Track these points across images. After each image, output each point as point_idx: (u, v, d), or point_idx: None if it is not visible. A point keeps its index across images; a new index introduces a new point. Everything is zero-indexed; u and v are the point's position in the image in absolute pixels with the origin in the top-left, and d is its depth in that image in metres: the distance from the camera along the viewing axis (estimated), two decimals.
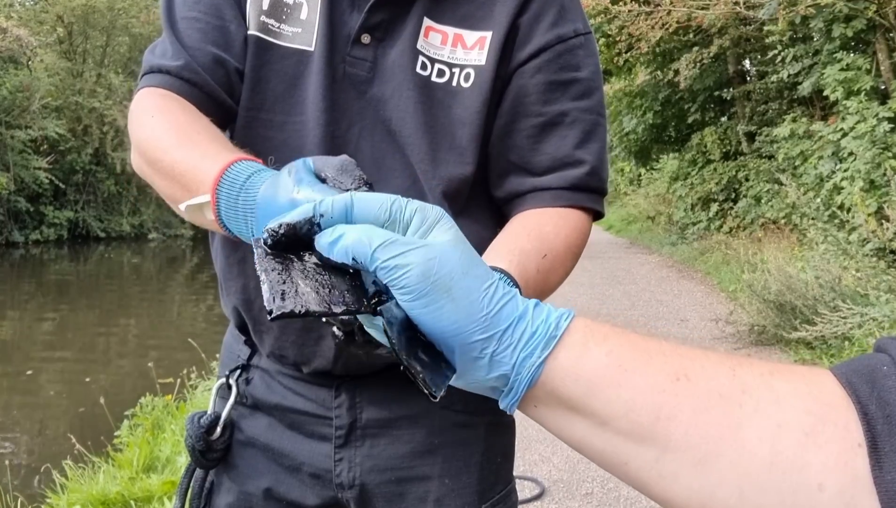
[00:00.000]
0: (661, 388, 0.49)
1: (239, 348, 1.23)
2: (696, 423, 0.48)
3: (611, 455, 0.51)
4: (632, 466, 0.50)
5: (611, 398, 0.50)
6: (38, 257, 21.09)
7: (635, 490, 0.52)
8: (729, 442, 0.47)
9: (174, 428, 4.80)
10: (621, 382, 0.50)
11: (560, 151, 1.08)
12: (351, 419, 1.14)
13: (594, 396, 0.51)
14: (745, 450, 0.46)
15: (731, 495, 0.46)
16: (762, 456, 0.46)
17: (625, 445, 0.50)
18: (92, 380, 8.14)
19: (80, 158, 24.66)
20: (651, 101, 16.95)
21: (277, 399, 1.17)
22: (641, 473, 0.50)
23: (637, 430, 0.49)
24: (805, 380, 0.48)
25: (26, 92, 22.59)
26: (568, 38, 1.09)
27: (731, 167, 14.37)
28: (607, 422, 0.50)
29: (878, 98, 9.65)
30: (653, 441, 0.49)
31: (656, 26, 12.42)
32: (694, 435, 0.48)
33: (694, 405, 0.49)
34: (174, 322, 12.38)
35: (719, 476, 0.47)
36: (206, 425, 1.15)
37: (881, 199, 8.27)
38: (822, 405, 0.46)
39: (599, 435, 0.51)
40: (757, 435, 0.47)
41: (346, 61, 1.07)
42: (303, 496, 1.16)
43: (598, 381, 0.51)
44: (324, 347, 1.10)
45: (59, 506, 3.86)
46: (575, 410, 0.51)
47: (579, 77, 1.10)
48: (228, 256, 1.14)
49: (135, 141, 0.99)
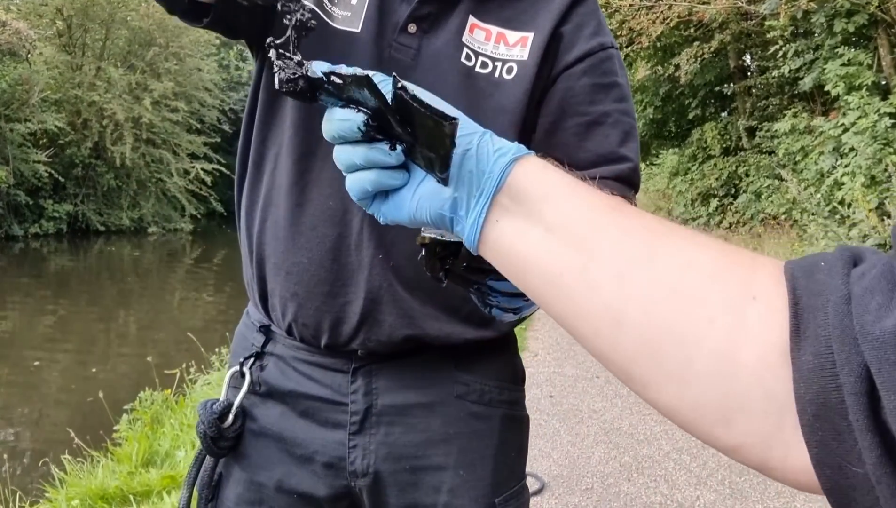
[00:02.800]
0: (599, 210, 0.57)
1: (253, 336, 1.25)
2: (621, 241, 0.55)
3: (550, 266, 0.57)
4: (564, 277, 0.56)
5: (560, 207, 0.58)
6: (38, 250, 21.06)
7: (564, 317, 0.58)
8: (644, 262, 0.54)
9: (173, 423, 4.80)
10: (570, 196, 0.58)
11: (604, 148, 1.15)
12: (367, 405, 1.15)
13: (548, 202, 0.58)
14: (656, 272, 0.53)
15: (638, 314, 0.52)
16: (668, 282, 0.52)
17: (562, 253, 0.56)
18: (91, 374, 8.14)
19: (80, 152, 24.60)
20: (651, 96, 16.95)
21: (292, 386, 1.19)
22: (571, 285, 0.56)
23: (573, 239, 0.56)
24: (740, 252, 0.54)
25: (25, 85, 22.52)
26: (607, 46, 1.18)
27: (732, 163, 14.36)
28: (553, 228, 0.57)
29: (879, 93, 9.64)
30: (584, 250, 0.56)
31: (657, 21, 12.41)
32: (617, 251, 0.55)
33: (621, 228, 0.56)
34: (173, 316, 12.37)
35: (631, 291, 0.53)
36: (219, 411, 1.16)
37: (882, 194, 8.26)
38: (734, 263, 0.53)
39: (545, 243, 0.57)
40: (668, 263, 0.53)
41: (391, 46, 1.12)
42: (314, 487, 1.17)
43: (552, 191, 0.59)
44: (349, 313, 1.13)
45: (57, 500, 3.85)
46: (529, 216, 0.58)
47: (618, 82, 1.18)
48: (264, 219, 1.18)
49: None
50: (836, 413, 0.44)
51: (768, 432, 0.48)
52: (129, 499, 3.74)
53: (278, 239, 1.15)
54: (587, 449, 4.36)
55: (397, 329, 1.12)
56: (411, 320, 1.12)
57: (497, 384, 1.21)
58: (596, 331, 0.55)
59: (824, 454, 0.45)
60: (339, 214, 1.11)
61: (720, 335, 0.49)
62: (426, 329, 1.13)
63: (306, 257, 1.13)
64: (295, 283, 1.14)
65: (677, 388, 0.51)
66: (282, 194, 1.15)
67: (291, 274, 1.14)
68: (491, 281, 0.75)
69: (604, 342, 0.55)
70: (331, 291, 1.13)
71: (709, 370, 0.50)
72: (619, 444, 4.43)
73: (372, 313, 1.12)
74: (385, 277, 1.11)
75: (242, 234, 1.24)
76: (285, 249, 1.14)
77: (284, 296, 1.16)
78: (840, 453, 0.44)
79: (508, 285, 0.76)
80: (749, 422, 0.49)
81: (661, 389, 0.52)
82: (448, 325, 1.14)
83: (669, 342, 0.51)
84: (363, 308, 1.12)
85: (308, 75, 0.62)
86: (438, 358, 1.16)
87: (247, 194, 1.22)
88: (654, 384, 0.53)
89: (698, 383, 0.50)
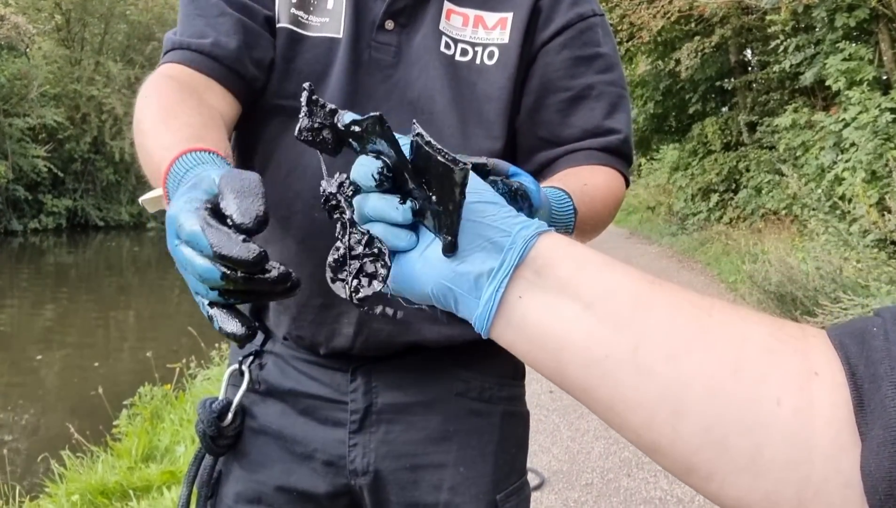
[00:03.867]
0: (641, 284, 0.52)
1: None
2: (671, 319, 0.50)
3: (593, 347, 0.51)
4: (611, 360, 0.50)
5: (599, 282, 0.52)
6: (37, 245, 21.08)
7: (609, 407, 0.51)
8: (699, 342, 0.48)
9: (173, 418, 4.80)
10: (606, 270, 0.53)
11: (589, 123, 1.13)
12: (366, 404, 1.14)
13: (583, 277, 0.52)
14: (713, 352, 0.48)
15: (700, 397, 0.47)
16: (727, 361, 0.47)
17: (606, 333, 0.50)
18: (90, 369, 8.14)
19: (79, 147, 24.60)
20: (652, 91, 16.93)
21: (292, 384, 1.17)
22: (619, 368, 0.50)
23: (618, 317, 0.50)
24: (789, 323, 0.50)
25: (24, 80, 22.52)
26: (588, 16, 1.14)
27: (732, 158, 14.34)
28: (592, 304, 0.51)
29: (880, 88, 9.62)
30: (631, 331, 0.50)
31: (658, 15, 12.39)
32: (668, 330, 0.49)
33: (668, 303, 0.50)
34: (173, 311, 12.37)
35: (689, 374, 0.48)
36: (218, 410, 1.15)
37: (883, 190, 8.25)
38: (789, 335, 0.48)
39: (583, 321, 0.51)
40: (724, 340, 0.48)
41: (371, 46, 1.09)
42: (314, 485, 1.16)
43: (586, 262, 0.53)
44: (344, 324, 1.11)
45: (57, 496, 3.86)
46: (562, 291, 0.52)
47: (601, 52, 1.15)
48: None
49: (136, 120, 1.00)
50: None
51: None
52: (129, 494, 3.74)
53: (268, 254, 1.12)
54: (587, 444, 4.36)
55: (395, 337, 1.11)
56: (409, 326, 1.10)
57: (497, 380, 1.20)
58: (649, 422, 0.49)
59: None
60: (326, 225, 1.08)
61: (789, 417, 0.45)
62: (424, 334, 1.11)
63: (297, 271, 1.09)
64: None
65: (749, 480, 0.46)
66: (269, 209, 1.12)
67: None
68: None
69: (659, 433, 0.49)
70: (324, 303, 1.10)
71: (782, 457, 0.45)
72: (619, 439, 4.43)
73: (367, 322, 1.10)
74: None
75: None
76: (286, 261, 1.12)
77: (278, 309, 1.15)
78: None
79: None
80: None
81: (729, 481, 0.47)
82: (447, 328, 1.12)
83: (736, 428, 0.46)
84: (358, 318, 1.10)
85: (336, 125, 0.61)
86: (438, 356, 1.15)
87: None
88: (719, 477, 0.47)
89: (771, 472, 0.45)
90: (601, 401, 0.51)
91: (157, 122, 0.91)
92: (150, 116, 0.93)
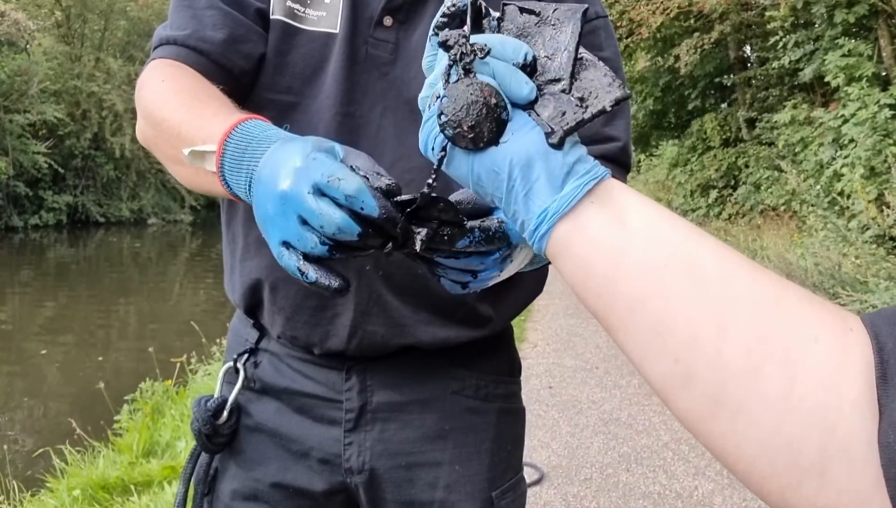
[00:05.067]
0: (692, 225, 0.54)
1: (247, 331, 1.22)
2: (723, 252, 0.51)
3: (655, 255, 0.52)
4: (669, 270, 0.51)
5: (659, 212, 0.54)
6: (38, 241, 21.07)
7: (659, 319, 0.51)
8: (748, 270, 0.50)
9: (174, 413, 4.81)
10: (665, 211, 0.55)
11: (589, 129, 1.10)
12: (361, 403, 1.14)
13: (647, 206, 0.54)
14: (760, 282, 0.49)
15: (746, 315, 0.47)
16: (773, 292, 0.48)
17: (667, 246, 0.52)
18: (91, 365, 8.15)
19: (79, 143, 24.58)
20: (651, 87, 16.91)
21: (287, 383, 1.17)
22: (677, 277, 0.51)
23: (678, 239, 0.52)
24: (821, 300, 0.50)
25: (25, 76, 22.48)
26: (591, 19, 1.11)
27: (731, 154, 14.34)
28: (654, 225, 0.53)
29: (879, 85, 9.62)
30: (689, 250, 0.51)
31: (657, 11, 12.38)
32: (721, 256, 0.51)
33: (720, 244, 0.52)
34: (173, 307, 12.38)
35: (739, 292, 0.49)
36: (213, 408, 1.14)
37: (882, 186, 8.26)
38: (825, 300, 0.49)
39: (648, 232, 0.53)
40: (769, 279, 0.49)
41: (368, 43, 1.07)
42: (310, 482, 1.16)
43: (649, 203, 0.55)
44: (338, 325, 1.10)
45: (59, 491, 3.87)
46: (629, 210, 0.54)
47: (604, 56, 1.11)
48: (247, 234, 1.14)
49: (142, 106, 0.99)
50: None
51: (866, 489, 0.42)
52: (131, 489, 3.75)
53: (262, 255, 1.11)
54: (586, 440, 4.37)
55: (389, 339, 1.10)
56: (403, 328, 1.09)
57: (493, 377, 1.20)
58: (694, 338, 0.48)
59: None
60: None
61: (826, 356, 0.45)
62: (419, 337, 1.10)
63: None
64: (281, 298, 1.11)
65: (775, 418, 0.45)
66: None
67: (277, 289, 1.11)
68: (439, 258, 0.75)
69: (699, 353, 0.48)
70: (319, 304, 1.09)
71: (813, 398, 0.44)
72: (618, 434, 4.45)
73: (362, 324, 1.09)
74: (374, 287, 1.07)
75: (225, 251, 1.21)
76: (269, 264, 1.10)
77: (272, 310, 1.14)
78: None
79: (459, 262, 0.75)
80: (849, 473, 0.42)
81: (757, 418, 0.45)
82: (442, 330, 1.11)
83: (775, 356, 0.46)
84: (353, 320, 1.09)
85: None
86: (433, 355, 1.14)
87: (226, 210, 1.19)
88: (748, 412, 0.46)
89: (800, 412, 0.44)
90: (649, 316, 0.51)
91: (188, 99, 0.91)
92: (176, 94, 0.93)
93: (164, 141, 0.93)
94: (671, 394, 0.50)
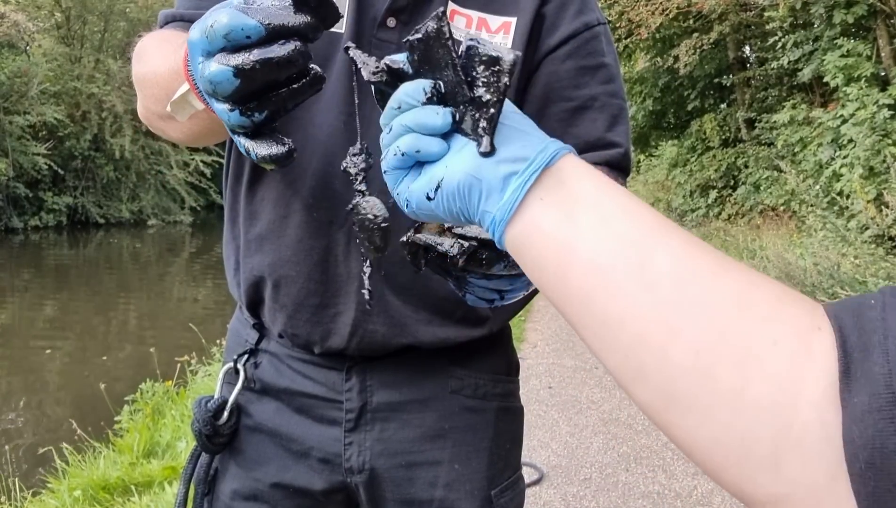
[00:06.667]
0: (657, 214, 0.54)
1: (247, 332, 1.22)
2: (684, 249, 0.51)
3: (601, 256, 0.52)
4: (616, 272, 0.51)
5: (616, 200, 0.54)
6: (38, 242, 21.04)
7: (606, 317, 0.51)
8: (708, 273, 0.49)
9: (174, 414, 4.82)
10: (625, 194, 0.55)
11: (591, 135, 1.11)
12: (361, 403, 1.14)
13: (603, 192, 0.54)
14: (721, 284, 0.48)
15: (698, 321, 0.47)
16: (733, 295, 0.48)
17: (616, 246, 0.52)
18: (92, 365, 8.15)
19: (79, 144, 24.54)
20: (650, 87, 16.91)
21: (287, 383, 1.17)
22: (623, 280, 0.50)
23: (631, 234, 0.52)
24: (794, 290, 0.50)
25: (24, 77, 22.45)
26: (593, 25, 1.12)
27: (731, 154, 14.35)
28: (608, 219, 0.53)
29: (878, 85, 9.63)
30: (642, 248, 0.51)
31: (656, 12, 12.39)
32: (680, 256, 0.50)
33: (684, 237, 0.52)
34: (173, 308, 12.38)
35: (692, 296, 0.48)
36: (214, 409, 1.15)
37: (880, 186, 8.27)
38: (797, 295, 0.49)
39: (597, 231, 0.52)
40: (734, 279, 0.49)
41: (372, 43, 1.07)
42: (310, 482, 1.16)
43: (607, 185, 0.55)
44: (339, 324, 1.10)
45: (59, 491, 3.87)
46: (581, 203, 0.54)
47: (605, 62, 1.13)
48: (248, 231, 1.14)
49: (133, 73, 1.00)
50: (894, 461, 0.40)
51: (821, 481, 0.43)
52: (131, 490, 3.76)
53: (263, 252, 1.12)
54: (586, 440, 4.38)
55: (390, 339, 1.10)
56: (403, 328, 1.10)
57: (491, 376, 1.20)
58: (641, 339, 0.49)
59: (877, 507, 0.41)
60: (324, 225, 1.08)
61: (783, 359, 0.45)
62: (419, 336, 1.11)
63: (294, 270, 1.10)
64: (284, 295, 1.12)
65: (728, 416, 0.45)
66: (266, 206, 1.12)
67: (279, 287, 1.12)
68: (472, 278, 0.75)
69: (649, 353, 0.49)
70: (321, 303, 1.10)
71: (767, 398, 0.44)
72: (618, 434, 4.46)
73: (363, 323, 1.09)
74: (376, 287, 1.07)
75: (227, 246, 1.21)
76: (272, 261, 1.11)
77: (273, 307, 1.14)
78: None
79: (490, 283, 0.76)
80: (802, 466, 0.43)
81: (709, 416, 0.46)
82: (442, 330, 1.12)
83: (728, 359, 0.46)
84: (354, 320, 1.09)
85: (391, 67, 0.63)
86: (433, 355, 1.15)
87: (229, 205, 1.19)
88: (699, 410, 0.47)
89: (753, 411, 0.45)
90: (597, 313, 0.51)
91: (165, 48, 0.91)
92: (156, 49, 0.93)
93: (151, 97, 0.93)
94: (626, 386, 0.51)
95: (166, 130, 1.01)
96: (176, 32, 1.00)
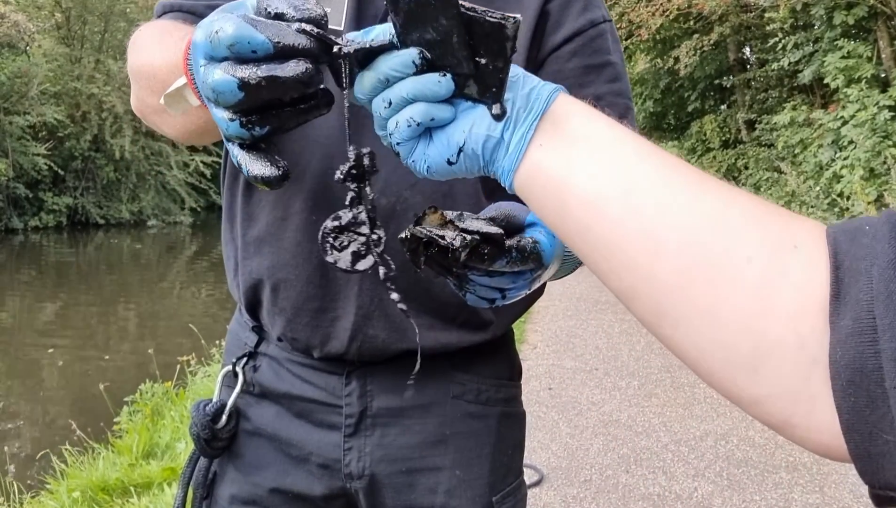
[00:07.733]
0: (644, 143, 0.58)
1: (246, 335, 1.21)
2: (666, 173, 0.55)
3: (590, 188, 0.56)
4: (604, 199, 0.55)
5: (604, 131, 0.58)
6: (38, 243, 21.05)
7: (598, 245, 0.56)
8: (687, 194, 0.54)
9: (174, 415, 4.81)
10: (613, 125, 0.59)
11: None
12: (361, 408, 1.13)
13: (592, 125, 0.59)
14: (698, 204, 0.53)
15: (678, 243, 0.52)
16: (710, 215, 0.52)
17: (604, 176, 0.56)
18: (91, 366, 8.15)
19: (79, 145, 24.54)
20: (651, 88, 16.93)
21: (286, 387, 1.16)
22: (611, 206, 0.55)
23: (619, 165, 0.56)
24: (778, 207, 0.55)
25: (24, 78, 22.47)
26: (598, 23, 1.10)
27: (731, 155, 14.35)
28: (597, 153, 0.57)
29: (878, 86, 9.63)
30: (629, 175, 0.55)
31: (657, 13, 12.39)
32: (662, 180, 0.55)
33: (666, 162, 0.56)
34: (173, 309, 12.38)
35: (672, 219, 0.53)
36: (212, 413, 1.14)
37: (881, 187, 8.26)
38: (777, 211, 0.53)
39: (588, 165, 0.56)
40: (711, 198, 0.53)
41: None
42: (309, 487, 1.15)
43: (596, 117, 0.59)
44: (339, 328, 1.09)
45: (58, 492, 3.87)
46: (573, 140, 0.58)
47: (611, 60, 1.11)
48: (245, 234, 1.13)
49: (129, 63, 0.99)
50: (871, 380, 0.43)
51: (796, 385, 0.48)
52: (130, 491, 3.75)
53: (262, 255, 1.10)
54: (586, 441, 4.37)
55: (390, 344, 1.09)
56: (404, 333, 1.08)
57: (494, 381, 1.18)
58: (632, 262, 0.54)
59: (855, 420, 0.44)
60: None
61: (756, 275, 0.49)
62: (420, 341, 1.10)
63: (293, 274, 1.09)
64: (283, 299, 1.10)
65: (709, 326, 0.51)
66: (264, 207, 1.11)
67: (278, 290, 1.10)
68: (473, 275, 0.75)
69: (638, 273, 0.54)
70: (320, 307, 1.08)
71: (743, 308, 0.49)
72: (618, 436, 4.45)
73: (363, 328, 1.08)
74: (376, 291, 1.06)
75: (227, 246, 1.20)
76: (270, 265, 1.10)
77: (272, 311, 1.12)
78: (872, 420, 0.44)
79: (491, 280, 0.76)
80: (778, 371, 0.48)
81: (693, 328, 0.52)
82: (443, 334, 1.10)
83: (705, 276, 0.51)
84: (354, 324, 1.08)
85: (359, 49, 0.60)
86: (434, 360, 1.13)
87: (227, 205, 1.18)
88: (684, 321, 0.52)
89: (731, 321, 0.49)
90: (594, 241, 0.56)
91: (162, 40, 0.89)
92: (152, 40, 0.91)
93: (147, 88, 0.91)
94: (627, 305, 0.57)
95: (160, 124, 1.00)
96: (176, 24, 0.99)
